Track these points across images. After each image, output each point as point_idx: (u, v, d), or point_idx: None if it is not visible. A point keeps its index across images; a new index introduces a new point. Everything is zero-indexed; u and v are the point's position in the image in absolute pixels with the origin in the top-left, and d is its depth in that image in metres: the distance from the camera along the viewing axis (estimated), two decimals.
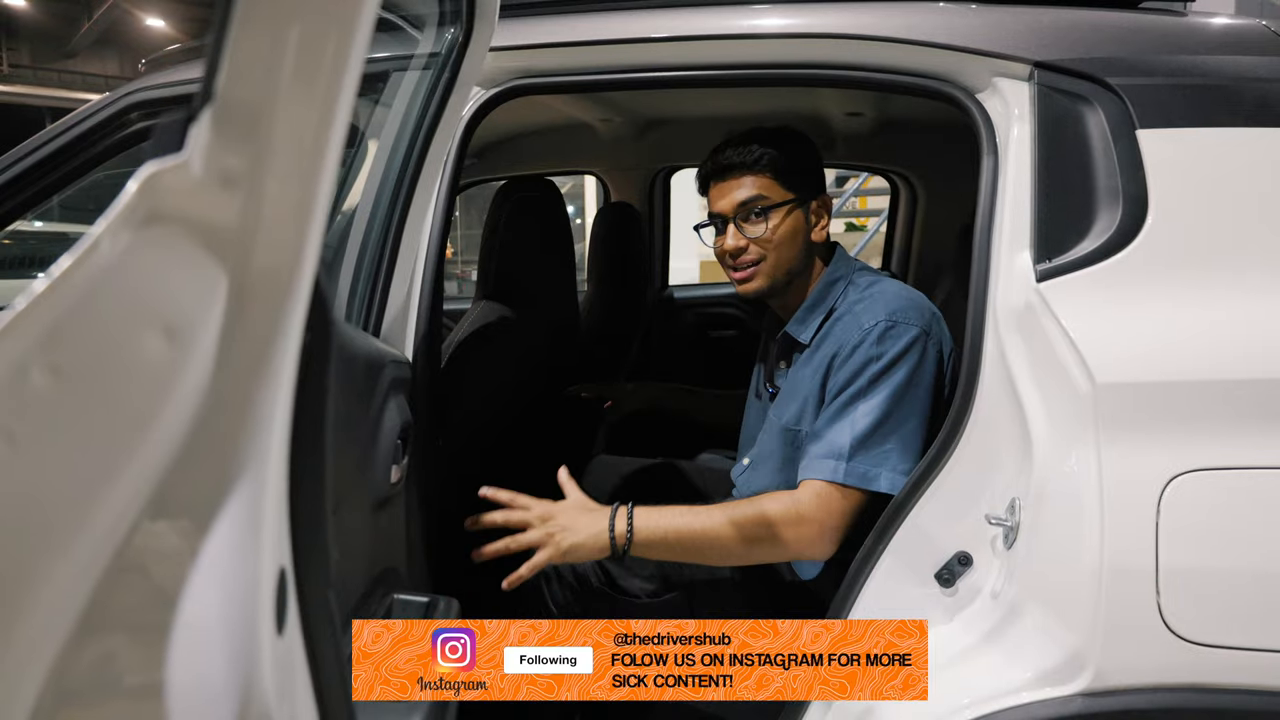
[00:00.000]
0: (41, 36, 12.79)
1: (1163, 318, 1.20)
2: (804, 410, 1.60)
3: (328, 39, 0.50)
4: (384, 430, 1.19)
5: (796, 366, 1.69)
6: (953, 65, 1.41)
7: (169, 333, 0.47)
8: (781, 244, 1.66)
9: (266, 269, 0.50)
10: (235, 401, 0.50)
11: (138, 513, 0.46)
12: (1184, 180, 1.24)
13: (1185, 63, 1.30)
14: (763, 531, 1.44)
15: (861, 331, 1.52)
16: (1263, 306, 1.18)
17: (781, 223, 1.65)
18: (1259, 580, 1.10)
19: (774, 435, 1.67)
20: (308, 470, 0.57)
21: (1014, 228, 1.32)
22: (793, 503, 1.46)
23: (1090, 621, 1.11)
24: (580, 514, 1.47)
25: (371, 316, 1.36)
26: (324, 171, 0.52)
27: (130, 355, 0.45)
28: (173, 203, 0.46)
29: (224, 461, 0.50)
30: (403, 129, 1.40)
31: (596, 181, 3.55)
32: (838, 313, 1.64)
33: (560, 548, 1.43)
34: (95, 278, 0.43)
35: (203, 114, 0.47)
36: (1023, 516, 1.21)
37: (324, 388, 0.57)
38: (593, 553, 1.45)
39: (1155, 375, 1.15)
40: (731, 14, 1.50)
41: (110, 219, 0.43)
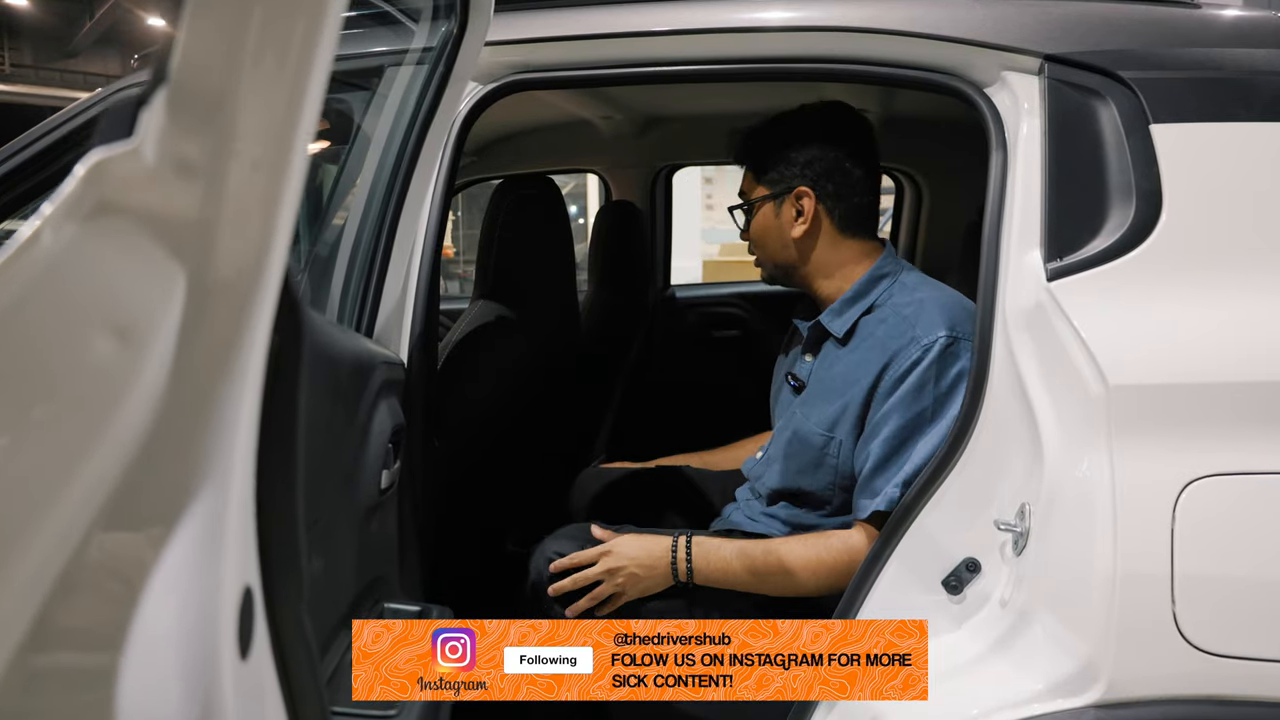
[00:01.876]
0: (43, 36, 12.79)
1: (1177, 318, 1.17)
2: (840, 418, 1.52)
3: (296, 16, 0.46)
4: (373, 434, 1.16)
5: (826, 360, 1.62)
6: (960, 59, 1.38)
7: (120, 334, 0.43)
8: (760, 242, 1.67)
9: (229, 266, 0.47)
10: (195, 407, 0.46)
11: (86, 526, 0.43)
12: (1199, 176, 1.22)
13: (1199, 56, 1.28)
14: (822, 570, 1.46)
15: (920, 347, 1.44)
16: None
17: (755, 221, 1.66)
18: (1279, 589, 1.06)
19: (797, 437, 1.59)
20: (278, 480, 0.53)
21: (1024, 225, 1.29)
22: (846, 550, 1.46)
23: (1103, 631, 1.08)
24: (639, 556, 1.54)
25: (364, 316, 1.33)
26: (292, 161, 0.48)
27: (76, 358, 0.42)
28: (123, 193, 0.43)
29: (182, 472, 0.46)
30: (396, 125, 1.38)
31: (598, 180, 3.52)
32: (879, 311, 1.56)
33: (629, 596, 1.53)
34: (35, 274, 0.39)
35: (155, 96, 0.44)
36: (1033, 522, 1.18)
37: (295, 392, 0.54)
38: (659, 588, 1.54)
39: (1170, 377, 1.13)
40: (734, 7, 1.47)
41: (51, 210, 0.40)
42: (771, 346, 2.03)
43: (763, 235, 1.65)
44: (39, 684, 0.44)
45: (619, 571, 1.52)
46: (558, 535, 1.64)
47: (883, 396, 1.47)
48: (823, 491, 1.56)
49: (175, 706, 0.45)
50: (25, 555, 0.42)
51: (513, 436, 2.10)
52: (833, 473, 1.53)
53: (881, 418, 1.46)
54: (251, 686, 0.52)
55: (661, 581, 1.53)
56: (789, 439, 1.61)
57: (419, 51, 1.40)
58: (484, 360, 1.88)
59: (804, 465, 1.57)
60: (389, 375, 1.26)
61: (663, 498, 2.00)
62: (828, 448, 1.54)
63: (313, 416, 0.59)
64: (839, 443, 1.52)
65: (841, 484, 1.54)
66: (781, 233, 1.63)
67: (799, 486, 1.58)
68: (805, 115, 1.65)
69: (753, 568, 1.48)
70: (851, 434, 1.51)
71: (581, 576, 1.52)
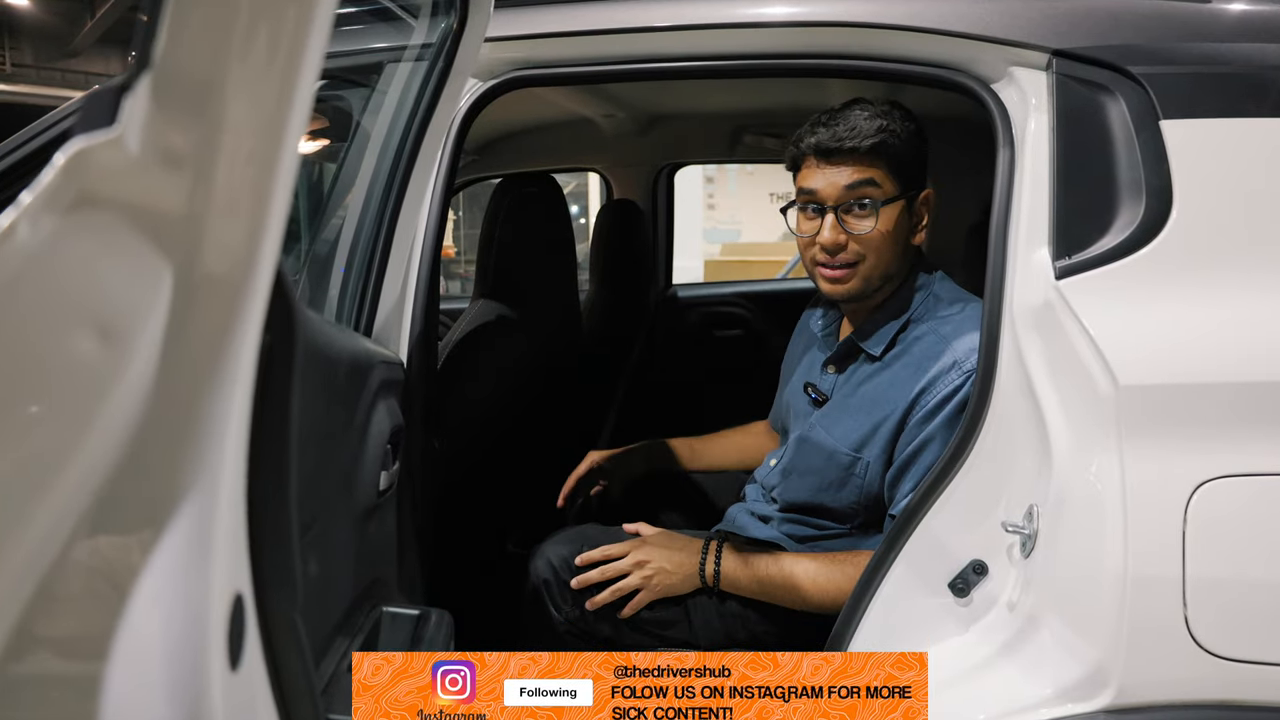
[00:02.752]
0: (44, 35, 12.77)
1: (1187, 316, 1.16)
2: (871, 439, 1.48)
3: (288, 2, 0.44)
4: (372, 435, 1.14)
5: (856, 377, 1.56)
6: (967, 54, 1.36)
7: (103, 332, 0.41)
8: (885, 244, 1.48)
9: (218, 262, 0.45)
10: (182, 408, 0.45)
11: (69, 532, 0.41)
12: (1210, 173, 1.20)
13: (1210, 50, 1.26)
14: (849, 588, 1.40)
15: (961, 373, 1.40)
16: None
17: (889, 222, 1.47)
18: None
19: (822, 454, 1.54)
20: (271, 483, 0.52)
21: (1031, 223, 1.27)
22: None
23: (1113, 634, 1.07)
24: (669, 553, 1.54)
25: (363, 315, 1.32)
26: (284, 152, 0.46)
27: (57, 357, 0.40)
28: (105, 184, 0.41)
29: (170, 475, 0.44)
30: (395, 122, 1.37)
31: (600, 179, 3.51)
32: (916, 328, 1.51)
33: (656, 591, 1.52)
34: (12, 270, 0.38)
35: (138, 83, 0.42)
36: (1041, 524, 1.17)
37: (288, 393, 0.52)
38: (684, 589, 1.53)
39: (1181, 377, 1.12)
40: (738, 2, 1.46)
41: (29, 201, 0.38)
42: (774, 346, 2.02)
43: (887, 241, 1.48)
44: (18, 694, 0.42)
45: (648, 565, 1.51)
46: (557, 539, 1.63)
47: (920, 422, 1.43)
48: (846, 509, 1.53)
49: (161, 716, 0.43)
50: (3, 561, 0.40)
51: (513, 437, 2.09)
52: (858, 492, 1.50)
53: (920, 444, 1.42)
54: (242, 698, 0.50)
55: (687, 583, 1.52)
56: (809, 452, 1.57)
57: (418, 48, 1.39)
58: (484, 360, 1.87)
59: (828, 483, 1.53)
60: (388, 375, 1.25)
61: (663, 499, 1.99)
62: (854, 468, 1.49)
63: (308, 417, 0.57)
64: (867, 464, 1.48)
65: (866, 503, 1.51)
66: (905, 238, 1.51)
67: (822, 503, 1.55)
68: (908, 110, 1.54)
69: (785, 582, 1.47)
70: (882, 456, 1.47)
71: (611, 568, 1.51)
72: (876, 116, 1.46)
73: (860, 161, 1.46)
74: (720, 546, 1.52)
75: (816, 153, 1.48)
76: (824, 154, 1.47)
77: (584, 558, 1.54)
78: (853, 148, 1.45)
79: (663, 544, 1.55)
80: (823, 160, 1.48)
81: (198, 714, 0.44)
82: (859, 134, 1.44)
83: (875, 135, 1.44)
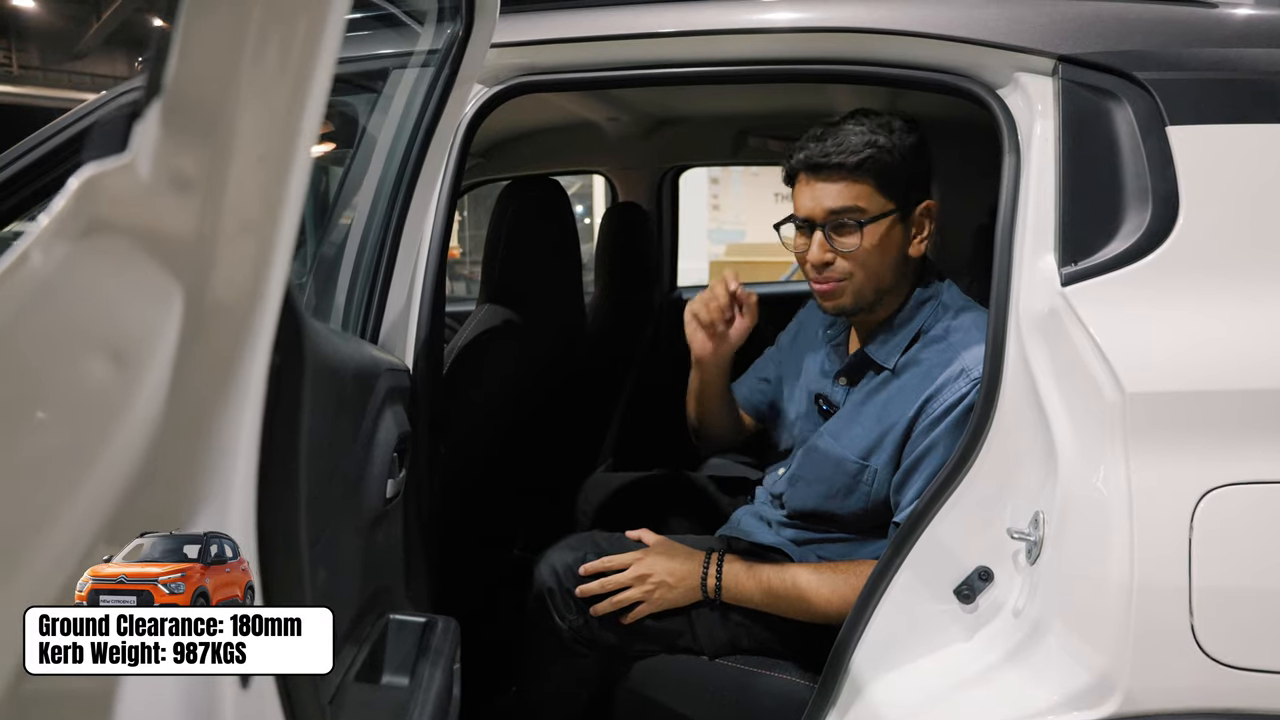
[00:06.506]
0: (50, 37, 12.80)
1: (1195, 323, 1.15)
2: (878, 446, 1.48)
3: (296, 21, 0.44)
4: (378, 443, 1.14)
5: (867, 389, 1.55)
6: (972, 60, 1.36)
7: (116, 356, 0.42)
8: (873, 261, 1.47)
9: (228, 285, 0.45)
10: (193, 431, 0.45)
11: (84, 550, 0.41)
12: (1217, 179, 1.20)
13: (1216, 56, 1.26)
14: (851, 603, 1.39)
15: (969, 380, 1.39)
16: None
17: (877, 238, 1.47)
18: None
19: (830, 462, 1.54)
20: (280, 502, 0.52)
21: (1037, 229, 1.27)
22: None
23: (1119, 642, 1.07)
24: (671, 566, 1.54)
25: (369, 322, 1.32)
26: (293, 175, 0.46)
27: (70, 381, 0.41)
28: (117, 210, 0.41)
29: (180, 497, 0.45)
30: (401, 128, 1.37)
31: (605, 181, 3.51)
32: (926, 337, 1.51)
33: (657, 605, 1.53)
34: (24, 295, 0.38)
35: (150, 109, 0.42)
36: (1047, 531, 1.16)
37: (297, 413, 0.52)
38: (685, 601, 1.54)
39: (1187, 384, 1.11)
40: (742, 8, 1.46)
41: (42, 228, 0.38)
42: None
43: (875, 256, 1.47)
44: (32, 711, 0.43)
45: (649, 578, 1.51)
46: (561, 545, 1.63)
47: (926, 427, 1.43)
48: (853, 516, 1.53)
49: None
50: (19, 581, 0.41)
51: (519, 441, 2.09)
52: (865, 499, 1.51)
53: (925, 450, 1.42)
54: (252, 711, 0.50)
55: (688, 596, 1.52)
56: (817, 460, 1.57)
57: (424, 54, 1.39)
58: (490, 365, 1.87)
59: (836, 490, 1.54)
60: (394, 383, 1.25)
61: (668, 503, 1.99)
62: (862, 475, 1.50)
63: (316, 430, 0.57)
64: (874, 471, 1.48)
65: (873, 509, 1.51)
66: (898, 252, 1.50)
67: (829, 510, 1.56)
68: (910, 122, 1.53)
69: (788, 594, 1.47)
70: (889, 463, 1.47)
71: (612, 581, 1.52)
72: (869, 131, 1.46)
73: (847, 177, 1.46)
74: (721, 559, 1.52)
75: (806, 168, 1.49)
76: (813, 169, 1.48)
77: (587, 568, 1.54)
78: (839, 163, 1.45)
79: (666, 555, 1.55)
80: (812, 176, 1.49)
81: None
82: (846, 150, 1.44)
83: (862, 151, 1.44)
